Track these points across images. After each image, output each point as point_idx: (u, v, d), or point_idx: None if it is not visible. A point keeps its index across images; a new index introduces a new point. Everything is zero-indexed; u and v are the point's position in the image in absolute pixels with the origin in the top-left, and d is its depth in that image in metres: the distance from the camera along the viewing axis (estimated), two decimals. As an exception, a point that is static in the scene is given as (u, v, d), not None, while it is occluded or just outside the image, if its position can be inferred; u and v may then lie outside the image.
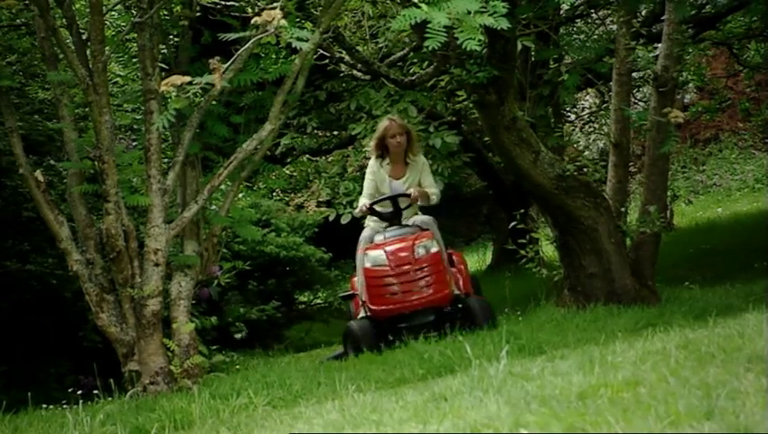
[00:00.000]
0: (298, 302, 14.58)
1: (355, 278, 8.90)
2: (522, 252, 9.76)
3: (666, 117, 8.29)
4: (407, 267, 8.28)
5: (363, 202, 8.77)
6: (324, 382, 6.37)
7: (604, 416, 3.65)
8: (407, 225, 8.67)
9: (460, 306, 8.36)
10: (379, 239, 8.51)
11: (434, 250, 8.39)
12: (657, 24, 12.22)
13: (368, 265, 8.34)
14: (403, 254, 8.32)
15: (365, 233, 8.68)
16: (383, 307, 8.26)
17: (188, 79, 5.43)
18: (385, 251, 8.32)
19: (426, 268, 8.31)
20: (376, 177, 8.87)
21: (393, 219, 8.66)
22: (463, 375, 5.43)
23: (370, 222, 8.83)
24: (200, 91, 6.04)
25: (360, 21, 12.95)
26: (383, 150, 8.88)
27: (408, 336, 7.88)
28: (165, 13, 7.97)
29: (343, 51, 11.44)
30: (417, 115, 11.68)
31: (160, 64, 7.51)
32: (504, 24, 5.31)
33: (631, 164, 11.99)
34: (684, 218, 19.48)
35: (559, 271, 9.55)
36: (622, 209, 9.44)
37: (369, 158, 9.13)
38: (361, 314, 8.50)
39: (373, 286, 8.31)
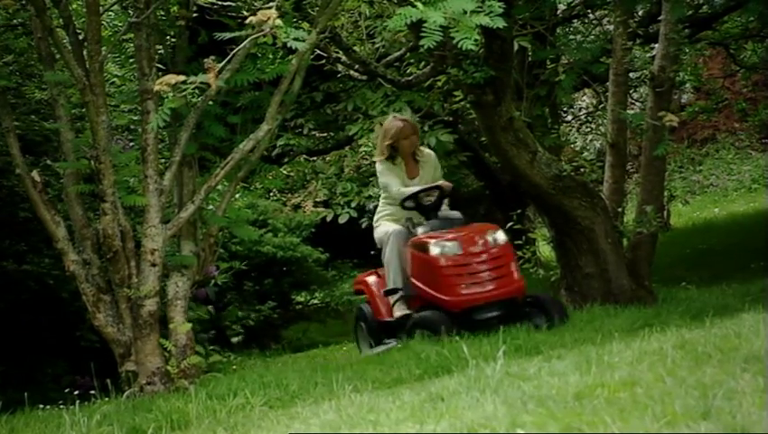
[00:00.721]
0: (295, 302, 14.59)
1: (370, 277, 8.73)
2: (519, 253, 9.76)
3: (661, 121, 8.31)
4: (483, 256, 7.98)
5: (403, 190, 8.43)
6: (321, 383, 6.36)
7: (601, 416, 3.65)
8: (450, 217, 8.38)
9: (528, 300, 8.11)
10: (422, 230, 8.21)
11: (504, 239, 8.17)
12: (654, 25, 12.24)
13: (435, 253, 7.96)
14: (477, 243, 8.03)
15: (393, 227, 8.41)
16: (459, 298, 7.87)
17: (182, 78, 5.42)
18: (458, 240, 8.00)
19: (500, 258, 8.03)
20: (396, 174, 8.60)
21: (431, 211, 8.37)
22: (460, 375, 5.43)
23: (384, 221, 8.61)
24: (196, 91, 6.05)
25: (358, 21, 12.95)
26: (393, 151, 8.62)
27: (486, 329, 7.56)
28: (162, 13, 7.97)
29: (340, 52, 11.45)
30: (413, 115, 11.68)
31: (157, 64, 7.51)
32: (500, 24, 5.32)
33: (628, 164, 12.00)
34: (681, 218, 19.51)
35: (556, 271, 9.56)
36: (619, 209, 9.45)
37: (366, 158, 9.03)
38: (399, 312, 8.22)
39: (446, 275, 7.91)
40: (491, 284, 7.92)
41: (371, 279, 8.77)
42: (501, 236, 8.17)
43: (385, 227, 8.56)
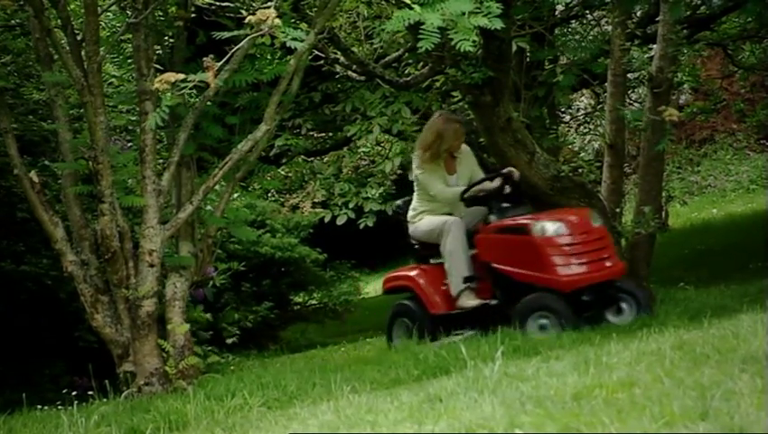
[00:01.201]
0: (293, 303, 14.58)
1: (412, 272, 8.56)
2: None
3: (661, 116, 8.30)
4: (588, 236, 7.92)
5: (454, 189, 8.36)
6: (319, 383, 6.37)
7: (599, 417, 3.65)
8: (519, 206, 8.28)
9: (617, 284, 8.00)
10: (495, 217, 8.15)
11: (601, 222, 8.13)
12: (652, 25, 12.23)
13: (541, 234, 7.83)
14: (579, 223, 8.00)
15: (447, 218, 8.28)
16: (571, 278, 7.75)
17: (182, 76, 5.43)
18: (561, 220, 7.94)
19: (603, 239, 8.01)
20: (438, 174, 8.50)
21: (492, 200, 8.29)
22: (459, 376, 5.43)
23: (427, 216, 8.46)
24: (195, 92, 6.04)
25: (356, 22, 12.94)
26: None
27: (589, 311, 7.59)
28: (160, 13, 7.97)
29: (339, 52, 11.44)
30: (411, 116, 11.67)
31: (155, 65, 7.51)
32: (498, 25, 5.32)
33: (626, 165, 12.00)
34: (679, 219, 19.51)
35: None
36: (618, 210, 9.44)
37: (365, 159, 8.97)
38: (471, 302, 8.08)
39: (556, 255, 7.81)
40: (598, 264, 7.86)
41: (416, 273, 8.59)
42: (598, 218, 8.16)
43: (434, 219, 8.42)
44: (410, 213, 8.68)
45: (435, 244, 8.40)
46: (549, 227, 7.91)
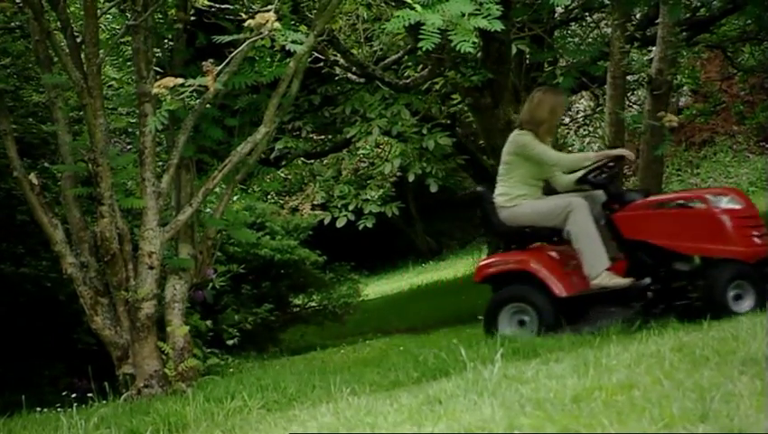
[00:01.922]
0: (293, 305, 14.57)
1: (526, 257, 8.19)
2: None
3: (660, 122, 8.31)
4: (752, 209, 7.88)
5: (578, 155, 8.13)
6: (319, 385, 6.36)
7: (599, 419, 3.65)
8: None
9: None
10: (636, 196, 8.04)
11: None
12: (651, 27, 12.26)
13: (720, 206, 7.73)
14: (743, 197, 7.98)
15: (568, 199, 8.06)
16: (756, 248, 7.65)
17: (180, 80, 5.43)
18: (732, 195, 7.90)
19: (759, 216, 7.95)
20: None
21: (610, 184, 8.15)
22: (458, 378, 5.43)
23: (524, 200, 8.18)
24: (194, 94, 6.04)
25: (355, 24, 12.97)
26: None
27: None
28: (160, 16, 7.97)
29: (338, 55, 11.45)
30: (411, 118, 11.69)
31: (155, 67, 7.51)
32: (498, 27, 5.32)
33: (625, 167, 12.00)
34: (678, 221, 19.46)
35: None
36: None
37: (364, 161, 8.95)
38: (613, 281, 7.84)
39: (739, 227, 7.70)
40: (764, 238, 7.77)
41: (530, 257, 8.21)
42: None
43: (554, 200, 8.17)
44: (501, 199, 8.31)
45: (543, 227, 8.18)
46: (723, 199, 7.85)
